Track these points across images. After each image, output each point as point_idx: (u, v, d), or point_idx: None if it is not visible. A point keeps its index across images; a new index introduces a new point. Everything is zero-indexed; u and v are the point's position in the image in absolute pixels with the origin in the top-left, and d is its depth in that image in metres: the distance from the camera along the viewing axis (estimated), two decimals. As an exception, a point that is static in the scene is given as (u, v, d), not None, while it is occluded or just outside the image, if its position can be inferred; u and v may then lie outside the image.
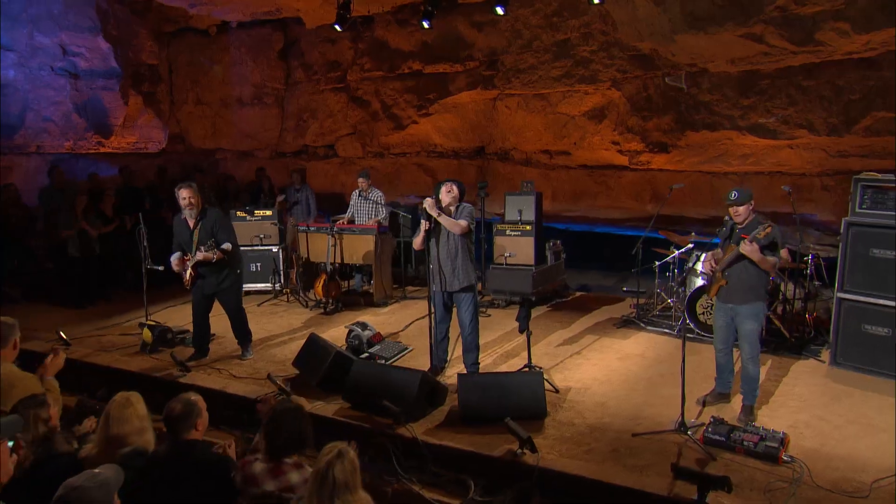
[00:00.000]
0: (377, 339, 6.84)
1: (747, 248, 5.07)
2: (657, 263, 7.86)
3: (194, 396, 3.54)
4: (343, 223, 9.05)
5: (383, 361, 6.50)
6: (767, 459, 4.65)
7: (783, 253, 7.46)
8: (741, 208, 5.23)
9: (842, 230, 6.29)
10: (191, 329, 7.17)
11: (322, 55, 13.43)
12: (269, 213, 9.23)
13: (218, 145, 14.47)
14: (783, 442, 4.78)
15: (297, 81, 13.93)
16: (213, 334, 7.08)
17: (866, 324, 6.19)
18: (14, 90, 11.00)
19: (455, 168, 12.52)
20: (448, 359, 6.37)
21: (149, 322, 7.08)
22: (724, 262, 5.26)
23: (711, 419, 5.11)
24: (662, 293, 8.35)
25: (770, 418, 5.37)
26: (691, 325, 7.27)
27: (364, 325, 6.91)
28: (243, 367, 6.51)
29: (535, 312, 8.44)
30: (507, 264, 8.63)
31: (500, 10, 8.48)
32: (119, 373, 6.35)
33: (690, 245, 7.89)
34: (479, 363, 6.22)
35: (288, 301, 8.91)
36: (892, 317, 6.03)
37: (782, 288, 7.49)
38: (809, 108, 8.28)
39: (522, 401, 5.23)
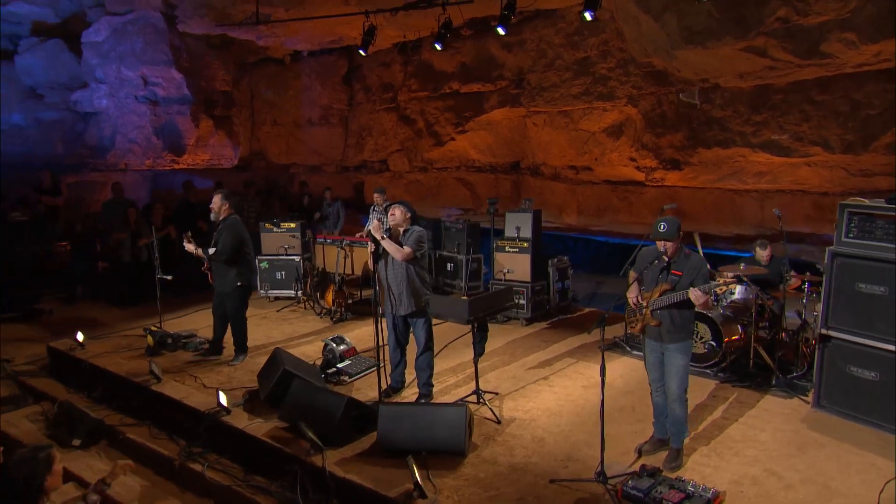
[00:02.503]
0: (349, 353, 6.29)
1: (701, 299, 4.10)
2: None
3: None
4: (362, 236, 8.59)
5: (347, 378, 5.95)
6: (685, 524, 3.71)
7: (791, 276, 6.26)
8: (670, 243, 4.21)
9: (825, 261, 5.07)
10: (196, 335, 7.10)
11: (379, 78, 13.12)
12: (293, 225, 8.91)
13: (291, 161, 14.49)
14: (711, 503, 3.81)
15: (358, 103, 13.70)
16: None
17: (852, 366, 4.95)
18: (106, 117, 11.45)
19: (492, 182, 11.80)
20: (406, 381, 5.72)
21: (152, 328, 6.93)
22: (658, 304, 4.27)
23: (640, 468, 4.19)
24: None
25: (716, 469, 4.36)
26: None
27: (340, 340, 6.38)
28: (221, 375, 6.16)
29: (530, 329, 7.66)
30: (505, 280, 7.88)
31: (500, 31, 7.68)
32: (109, 375, 6.17)
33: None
34: (432, 384, 5.53)
35: (305, 308, 8.55)
36: (880, 360, 4.78)
37: (785, 321, 6.21)
38: (824, 123, 6.92)
39: (442, 435, 4.51)
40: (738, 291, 6.34)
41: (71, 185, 11.45)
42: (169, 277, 7.15)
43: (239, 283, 6.38)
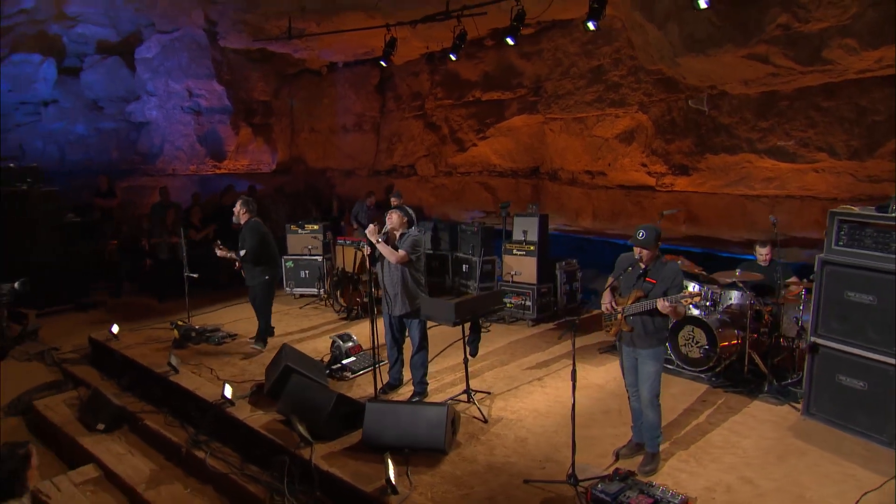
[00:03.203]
0: (354, 351, 6.31)
1: (667, 308, 3.94)
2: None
3: None
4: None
5: (350, 374, 5.99)
6: (649, 529, 3.57)
7: (792, 282, 5.97)
8: (646, 251, 4.05)
9: (815, 268, 4.80)
10: (220, 329, 7.34)
11: (408, 87, 13.11)
12: (316, 227, 9.03)
13: (327, 165, 14.65)
14: (678, 509, 3.66)
15: (389, 110, 13.73)
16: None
17: (841, 374, 4.68)
18: (156, 126, 11.83)
19: (512, 186, 11.65)
20: (404, 379, 5.71)
21: (179, 322, 7.13)
22: (631, 310, 4.13)
23: (613, 472, 4.06)
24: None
25: (691, 475, 4.19)
26: (671, 356, 6.00)
27: (347, 337, 6.42)
28: (235, 367, 6.29)
29: (535, 329, 7.55)
30: (513, 281, 7.79)
31: (510, 41, 7.58)
32: (136, 365, 6.38)
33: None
34: (426, 382, 5.50)
35: (325, 306, 8.64)
36: (868, 369, 4.50)
37: (783, 327, 5.90)
38: (830, 130, 6.56)
39: (424, 433, 4.47)
40: (735, 297, 6.08)
41: (124, 188, 11.90)
42: (195, 275, 7.35)
43: (266, 277, 6.69)
